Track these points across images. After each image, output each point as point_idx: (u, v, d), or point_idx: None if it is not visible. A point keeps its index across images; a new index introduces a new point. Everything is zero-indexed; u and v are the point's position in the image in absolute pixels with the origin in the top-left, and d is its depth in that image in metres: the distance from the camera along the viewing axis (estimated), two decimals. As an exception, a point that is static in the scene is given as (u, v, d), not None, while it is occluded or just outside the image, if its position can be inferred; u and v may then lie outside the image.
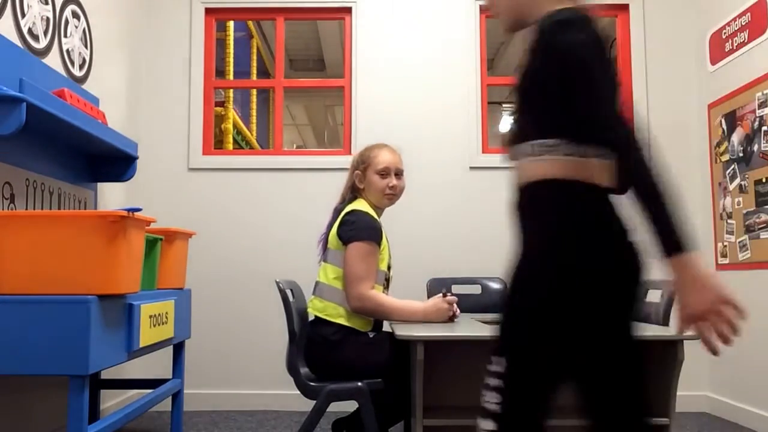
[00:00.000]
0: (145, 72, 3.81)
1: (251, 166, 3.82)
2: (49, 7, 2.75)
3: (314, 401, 2.13)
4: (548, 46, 1.18)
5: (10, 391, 2.41)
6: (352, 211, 2.29)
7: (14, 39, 2.45)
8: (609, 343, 1.19)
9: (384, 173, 2.36)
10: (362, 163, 2.39)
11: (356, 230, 2.22)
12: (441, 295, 2.30)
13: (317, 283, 2.33)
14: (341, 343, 2.20)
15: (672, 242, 1.09)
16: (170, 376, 2.91)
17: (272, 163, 3.82)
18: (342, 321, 2.22)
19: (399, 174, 2.41)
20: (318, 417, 2.10)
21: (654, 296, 2.44)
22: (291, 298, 2.22)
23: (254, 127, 6.44)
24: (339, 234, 2.26)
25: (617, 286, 1.18)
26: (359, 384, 2.10)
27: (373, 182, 2.36)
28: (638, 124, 1.17)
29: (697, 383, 3.63)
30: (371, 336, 2.25)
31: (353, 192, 2.41)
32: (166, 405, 3.03)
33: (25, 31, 2.54)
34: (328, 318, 2.23)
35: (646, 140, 1.14)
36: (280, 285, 2.21)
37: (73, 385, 1.86)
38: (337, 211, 2.39)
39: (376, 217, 2.32)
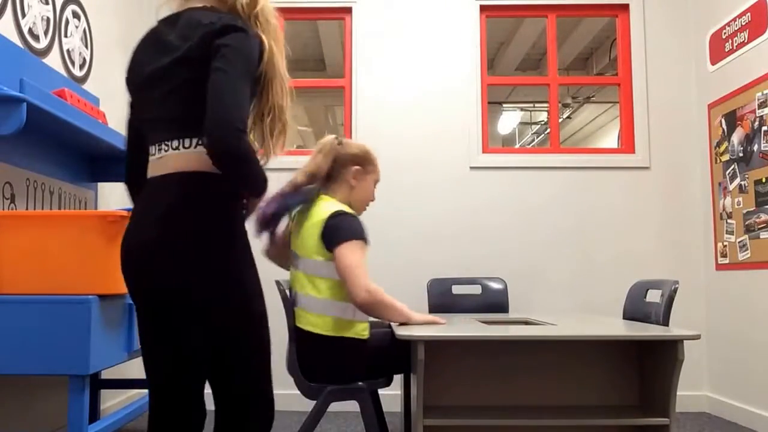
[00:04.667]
0: (146, 72, 3.80)
1: (251, 166, 3.82)
2: (50, 7, 2.75)
3: (314, 401, 2.12)
4: None
5: (10, 391, 2.41)
6: (336, 215, 2.08)
7: (15, 39, 2.45)
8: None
9: (376, 185, 2.33)
10: (368, 164, 2.25)
11: (344, 230, 2.04)
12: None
13: (301, 296, 2.12)
14: (338, 344, 2.11)
15: None
16: (170, 376, 2.90)
17: (272, 162, 3.81)
18: (346, 334, 2.08)
19: None
20: (318, 417, 2.09)
21: (654, 296, 2.44)
22: (291, 298, 2.21)
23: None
24: (325, 242, 2.06)
25: None
26: (360, 384, 2.10)
27: (369, 189, 2.27)
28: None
29: (697, 383, 3.63)
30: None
31: (325, 180, 2.20)
32: (167, 405, 3.03)
33: (25, 31, 2.54)
34: (335, 334, 2.07)
35: None
36: (281, 285, 2.21)
37: (73, 385, 1.86)
38: (302, 194, 2.16)
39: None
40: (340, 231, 2.04)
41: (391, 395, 2.28)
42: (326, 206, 2.12)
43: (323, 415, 2.11)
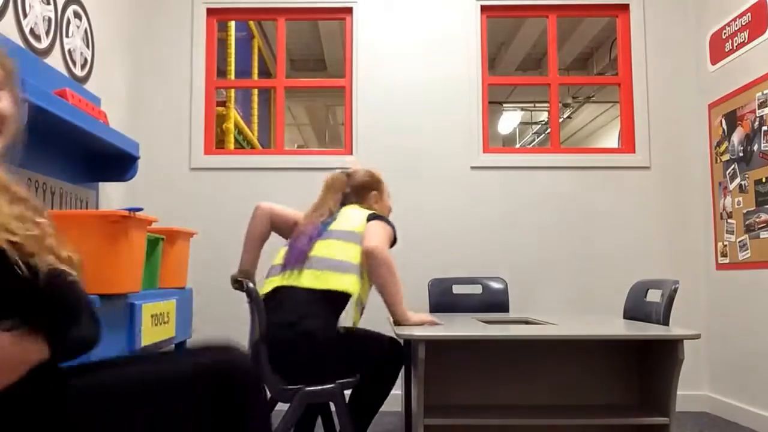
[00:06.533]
0: (147, 72, 3.82)
1: (252, 165, 3.83)
2: (51, 7, 2.75)
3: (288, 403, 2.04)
4: None
5: (12, 391, 2.42)
6: (379, 215, 2.40)
7: (16, 39, 2.45)
8: None
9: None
10: (381, 185, 2.56)
11: (386, 221, 2.34)
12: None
13: (323, 259, 2.18)
14: (320, 341, 2.06)
15: None
16: (171, 376, 2.91)
17: (273, 162, 3.82)
18: (353, 292, 2.14)
19: None
20: (293, 420, 2.04)
21: (654, 296, 2.44)
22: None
23: (255, 126, 6.45)
24: (368, 218, 2.31)
25: None
26: (333, 385, 2.07)
27: (388, 205, 2.58)
28: None
29: (697, 383, 3.63)
30: (343, 332, 2.17)
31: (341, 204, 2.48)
32: (167, 404, 3.04)
33: (26, 31, 2.55)
34: (341, 289, 2.10)
35: None
36: (249, 284, 2.11)
37: (75, 384, 1.86)
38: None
39: None
40: (383, 219, 2.34)
41: (391, 395, 2.27)
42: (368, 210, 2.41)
43: (297, 418, 2.05)
